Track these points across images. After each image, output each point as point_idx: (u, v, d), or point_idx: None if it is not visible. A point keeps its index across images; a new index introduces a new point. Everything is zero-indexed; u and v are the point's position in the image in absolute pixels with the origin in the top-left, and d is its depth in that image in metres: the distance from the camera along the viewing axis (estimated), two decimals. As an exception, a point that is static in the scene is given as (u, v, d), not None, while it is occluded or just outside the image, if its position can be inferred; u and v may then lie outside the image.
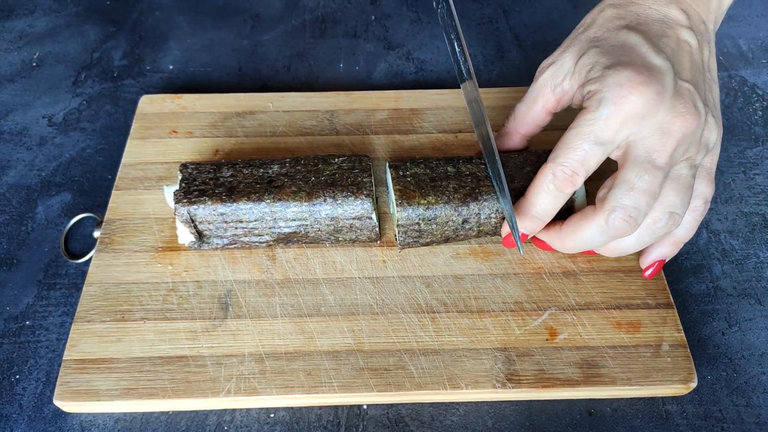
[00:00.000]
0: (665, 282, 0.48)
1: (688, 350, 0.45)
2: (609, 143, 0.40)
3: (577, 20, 0.47)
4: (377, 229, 0.48)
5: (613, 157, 0.42)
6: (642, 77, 0.39)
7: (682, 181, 0.41)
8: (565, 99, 0.45)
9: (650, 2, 0.44)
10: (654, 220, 0.41)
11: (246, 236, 0.48)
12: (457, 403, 0.44)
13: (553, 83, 0.45)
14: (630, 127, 0.39)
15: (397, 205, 0.46)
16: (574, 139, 0.41)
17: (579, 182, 0.41)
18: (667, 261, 0.47)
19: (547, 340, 0.45)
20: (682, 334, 0.45)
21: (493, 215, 0.47)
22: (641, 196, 0.40)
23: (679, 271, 0.51)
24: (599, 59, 0.41)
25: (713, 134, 0.42)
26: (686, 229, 0.45)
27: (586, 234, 0.42)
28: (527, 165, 0.48)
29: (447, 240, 0.48)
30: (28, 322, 0.48)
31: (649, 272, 0.47)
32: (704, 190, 0.44)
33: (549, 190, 0.42)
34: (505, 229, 0.46)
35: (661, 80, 0.39)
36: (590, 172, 0.41)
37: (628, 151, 0.40)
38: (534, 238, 0.47)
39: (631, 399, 0.45)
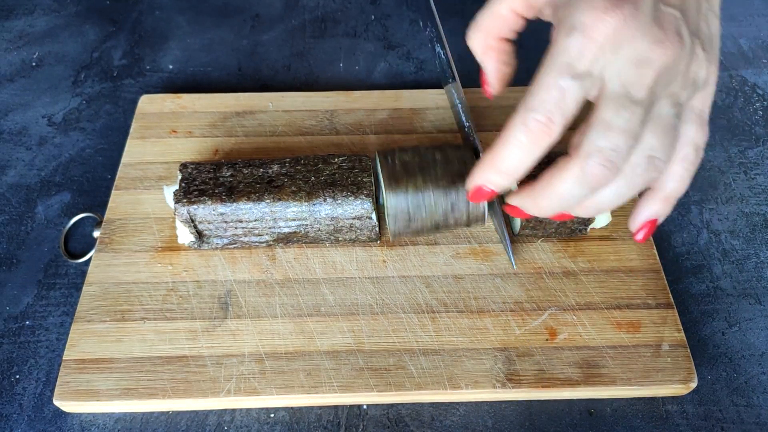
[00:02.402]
0: (665, 282, 0.48)
1: (688, 350, 0.45)
2: (586, 76, 0.34)
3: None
4: (377, 229, 0.48)
5: (590, 97, 0.36)
6: (611, 1, 0.34)
7: (663, 121, 0.36)
8: (536, 3, 0.40)
9: None
10: (632, 165, 0.36)
11: (246, 236, 0.48)
12: (457, 403, 0.44)
13: None
14: (606, 55, 0.34)
15: (385, 188, 0.46)
16: (546, 75, 0.35)
17: (556, 131, 0.35)
18: (660, 222, 0.41)
19: (547, 340, 0.45)
20: (682, 334, 0.45)
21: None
22: (620, 135, 0.34)
23: (679, 271, 0.51)
24: None
25: (702, 69, 0.37)
26: (677, 181, 0.39)
27: (561, 188, 0.36)
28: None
29: (437, 227, 0.48)
30: (28, 322, 0.48)
31: (640, 235, 0.41)
32: (694, 135, 0.38)
33: (521, 144, 0.36)
34: (473, 182, 0.40)
35: (637, 3, 0.34)
36: (569, 117, 0.35)
37: (604, 87, 0.35)
38: (506, 204, 0.42)
39: (631, 399, 0.45)
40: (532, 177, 0.39)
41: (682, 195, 0.39)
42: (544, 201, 0.38)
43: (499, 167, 0.37)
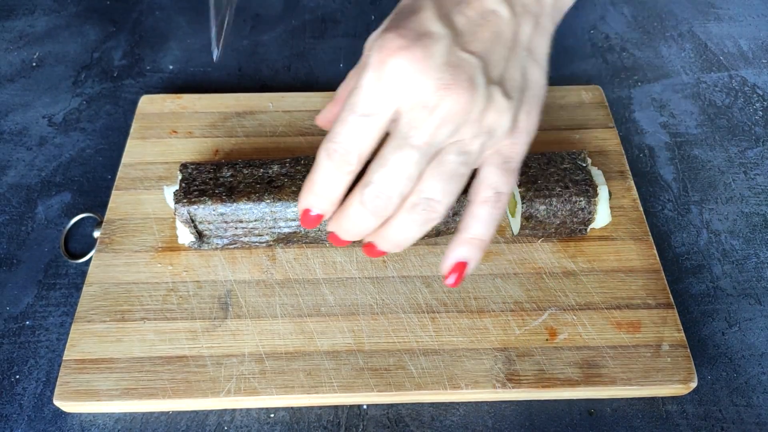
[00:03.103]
0: (665, 282, 0.48)
1: (688, 350, 0.45)
2: (374, 114, 0.36)
3: (578, 19, 0.47)
4: (377, 229, 0.48)
5: (389, 129, 0.37)
6: (403, 41, 0.35)
7: (445, 168, 0.37)
8: None
9: None
10: (412, 204, 0.37)
11: (246, 236, 0.48)
12: (457, 403, 0.44)
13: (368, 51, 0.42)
14: (394, 96, 0.35)
15: None
16: (343, 110, 0.37)
17: (353, 160, 0.37)
18: (471, 266, 0.40)
19: (547, 340, 0.45)
20: (682, 334, 0.45)
21: None
22: (392, 173, 0.36)
23: (679, 271, 0.51)
24: (386, 24, 0.37)
25: (504, 119, 0.37)
26: (479, 224, 0.39)
27: (351, 211, 0.38)
28: (551, 166, 0.49)
29: (438, 233, 0.48)
30: (28, 322, 0.48)
31: (450, 280, 0.40)
32: (495, 180, 0.39)
33: (327, 169, 0.38)
34: (299, 206, 0.42)
35: (428, 46, 0.35)
36: (364, 149, 0.37)
37: (396, 123, 0.36)
38: (329, 234, 0.42)
39: (631, 399, 0.44)
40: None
41: (489, 238, 0.39)
42: (344, 223, 0.40)
43: (315, 190, 0.39)
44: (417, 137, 0.36)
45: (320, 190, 0.39)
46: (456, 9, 0.37)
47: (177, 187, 0.48)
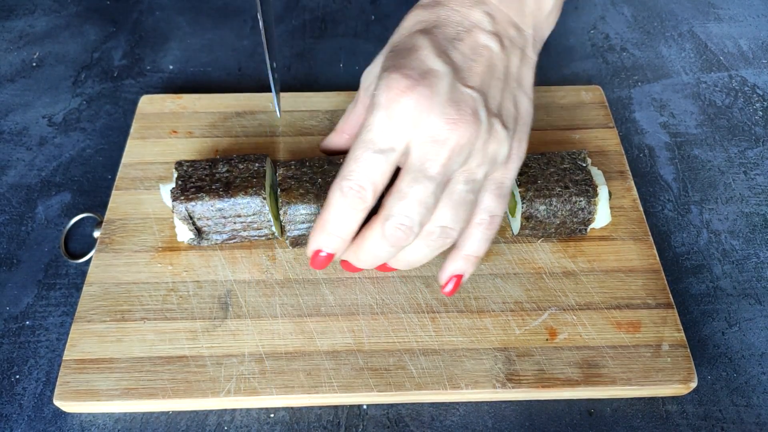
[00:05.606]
0: (665, 282, 0.48)
1: (688, 350, 0.45)
2: (389, 151, 0.38)
3: (579, 20, 0.47)
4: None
5: (400, 164, 0.39)
6: (408, 81, 0.37)
7: (456, 197, 0.39)
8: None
9: (455, 4, 0.41)
10: (428, 232, 0.40)
11: (245, 231, 0.48)
12: (457, 403, 0.44)
13: (365, 86, 0.46)
14: (405, 133, 0.37)
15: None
16: (356, 148, 0.38)
17: (368, 197, 0.38)
18: (465, 278, 0.43)
19: (547, 340, 0.45)
20: (682, 334, 0.45)
21: None
22: (412, 205, 0.38)
23: (679, 271, 0.51)
24: (386, 63, 0.39)
25: (503, 147, 0.40)
26: (474, 242, 0.42)
27: (370, 243, 0.40)
28: (551, 166, 0.49)
29: None
30: (28, 322, 0.48)
31: (447, 289, 0.43)
32: (490, 204, 0.41)
33: (340, 207, 0.39)
34: (310, 248, 0.42)
35: (433, 85, 0.37)
36: (378, 184, 0.38)
37: (407, 158, 0.38)
38: (342, 261, 0.44)
39: (631, 399, 0.44)
40: None
41: (483, 254, 0.42)
42: (362, 255, 0.41)
43: (327, 230, 0.40)
44: (432, 168, 0.38)
45: (333, 228, 0.40)
46: (451, 45, 0.40)
47: (173, 185, 0.48)
